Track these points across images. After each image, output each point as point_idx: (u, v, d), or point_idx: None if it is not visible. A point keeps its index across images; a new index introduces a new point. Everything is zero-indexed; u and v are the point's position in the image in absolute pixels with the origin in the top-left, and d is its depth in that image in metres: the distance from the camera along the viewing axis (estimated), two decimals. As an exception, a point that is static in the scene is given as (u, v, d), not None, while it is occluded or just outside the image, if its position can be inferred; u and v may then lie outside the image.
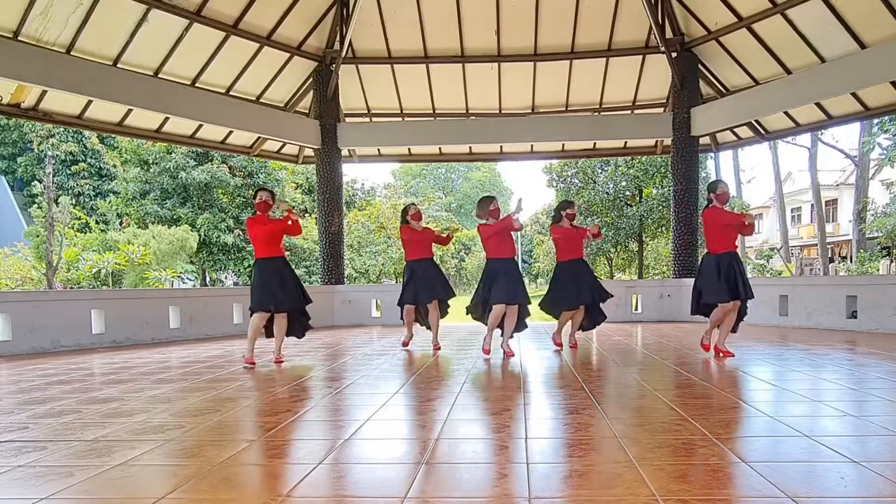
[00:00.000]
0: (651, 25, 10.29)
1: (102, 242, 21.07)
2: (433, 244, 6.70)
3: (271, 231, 5.51)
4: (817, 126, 11.43)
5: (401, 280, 6.99)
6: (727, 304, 5.31)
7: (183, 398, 3.99)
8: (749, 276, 23.31)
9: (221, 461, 2.56)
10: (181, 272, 21.96)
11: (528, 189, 62.43)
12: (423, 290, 6.50)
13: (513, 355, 5.82)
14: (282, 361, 5.62)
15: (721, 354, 5.48)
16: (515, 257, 6.02)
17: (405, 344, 6.73)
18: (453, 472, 2.40)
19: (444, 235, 6.92)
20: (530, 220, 32.74)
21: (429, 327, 6.71)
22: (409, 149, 12.80)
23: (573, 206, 6.43)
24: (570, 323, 6.47)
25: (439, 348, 6.59)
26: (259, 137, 11.53)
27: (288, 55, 10.75)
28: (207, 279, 24.51)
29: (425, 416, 3.46)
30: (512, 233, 5.86)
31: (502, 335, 5.91)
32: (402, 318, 6.76)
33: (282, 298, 5.44)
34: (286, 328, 5.66)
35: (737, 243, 5.69)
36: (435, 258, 6.87)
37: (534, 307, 6.23)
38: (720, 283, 5.28)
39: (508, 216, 5.65)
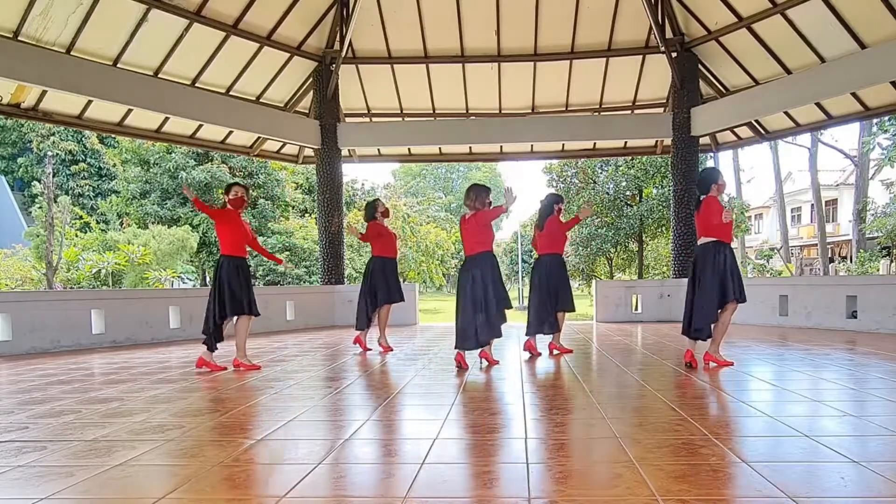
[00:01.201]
0: (651, 25, 10.30)
1: (102, 242, 21.06)
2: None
3: (253, 237, 5.47)
4: (817, 126, 11.43)
5: (401, 280, 6.80)
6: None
7: (183, 398, 3.99)
8: (749, 276, 23.09)
9: (221, 461, 2.56)
10: (181, 272, 21.95)
11: (528, 189, 62.44)
12: (396, 290, 6.50)
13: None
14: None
15: (714, 363, 4.99)
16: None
17: (389, 349, 6.45)
18: (453, 472, 2.40)
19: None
20: (530, 220, 32.75)
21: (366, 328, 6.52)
22: (409, 149, 12.80)
23: (563, 201, 6.24)
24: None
25: (392, 349, 6.50)
26: (259, 137, 11.53)
27: (288, 55, 10.75)
28: (207, 279, 24.50)
29: (425, 416, 3.46)
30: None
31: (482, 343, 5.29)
32: (367, 321, 6.46)
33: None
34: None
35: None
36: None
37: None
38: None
39: (502, 206, 5.15)
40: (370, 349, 6.54)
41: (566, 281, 6.03)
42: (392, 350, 6.49)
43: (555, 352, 6.10)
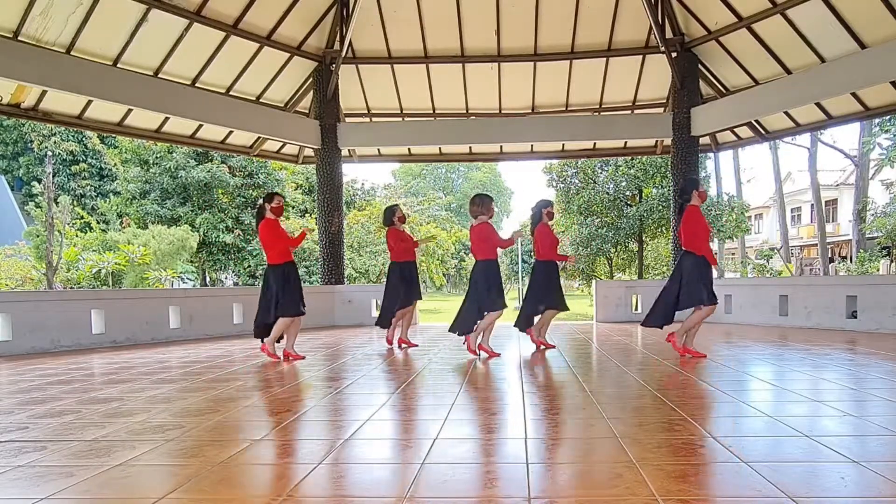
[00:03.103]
0: (651, 25, 10.29)
1: (102, 242, 21.03)
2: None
3: (295, 240, 5.92)
4: (817, 126, 11.43)
5: None
6: (712, 308, 5.31)
7: (183, 398, 3.99)
8: (749, 275, 23.02)
9: (221, 461, 2.56)
10: (181, 272, 21.92)
11: (528, 189, 62.47)
12: (415, 291, 6.88)
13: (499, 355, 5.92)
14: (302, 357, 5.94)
15: (691, 356, 5.48)
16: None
17: (399, 342, 6.92)
18: (453, 472, 2.40)
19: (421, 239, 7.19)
20: (530, 221, 32.65)
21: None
22: (409, 149, 12.80)
23: (552, 205, 6.47)
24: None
25: (416, 345, 6.89)
26: (259, 137, 11.53)
27: (288, 55, 10.74)
28: (207, 279, 24.49)
29: (425, 416, 3.46)
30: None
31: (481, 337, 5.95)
32: (389, 322, 6.90)
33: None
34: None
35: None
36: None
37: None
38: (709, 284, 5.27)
39: (513, 239, 6.02)
40: (399, 346, 6.92)
41: (553, 283, 6.31)
42: (416, 346, 6.89)
43: (541, 347, 6.40)
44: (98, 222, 24.57)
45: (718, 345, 6.65)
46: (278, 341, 5.88)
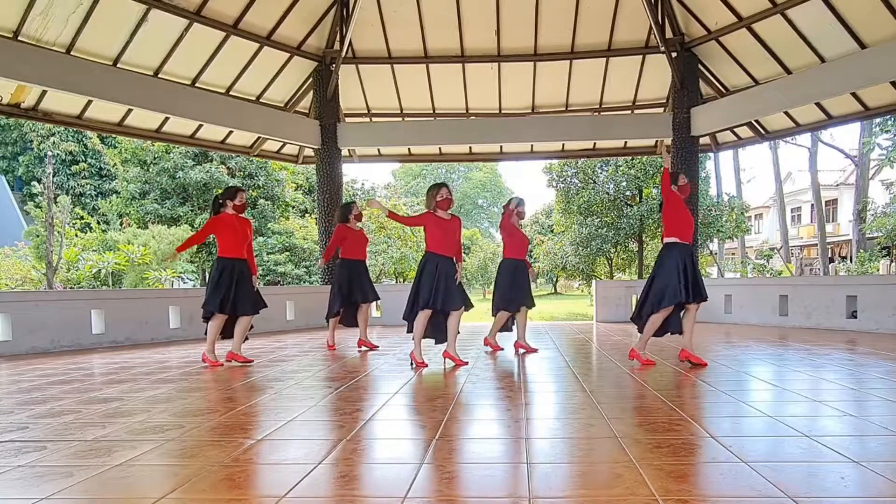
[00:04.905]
0: (651, 25, 10.29)
1: (102, 242, 21.05)
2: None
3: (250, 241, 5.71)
4: (817, 126, 11.43)
5: (401, 280, 6.99)
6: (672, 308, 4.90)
7: (183, 398, 3.99)
8: (749, 275, 22.99)
9: (221, 461, 2.56)
10: (181, 272, 21.93)
11: (528, 189, 62.59)
12: (370, 290, 6.71)
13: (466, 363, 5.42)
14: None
15: (692, 361, 5.03)
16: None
17: (333, 347, 6.76)
18: (453, 472, 2.40)
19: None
20: (530, 220, 32.77)
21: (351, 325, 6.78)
22: (409, 149, 12.80)
23: (522, 203, 6.33)
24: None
25: (376, 347, 6.74)
26: (259, 137, 11.53)
27: (288, 55, 10.75)
28: (207, 279, 24.49)
29: (425, 416, 3.46)
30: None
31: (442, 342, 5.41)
32: (332, 321, 6.72)
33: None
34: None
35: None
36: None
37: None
38: (684, 280, 4.82)
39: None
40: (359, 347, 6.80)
41: (505, 281, 6.12)
42: (377, 347, 6.74)
43: (521, 350, 6.27)
44: (98, 222, 24.57)
45: (718, 345, 6.66)
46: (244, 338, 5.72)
